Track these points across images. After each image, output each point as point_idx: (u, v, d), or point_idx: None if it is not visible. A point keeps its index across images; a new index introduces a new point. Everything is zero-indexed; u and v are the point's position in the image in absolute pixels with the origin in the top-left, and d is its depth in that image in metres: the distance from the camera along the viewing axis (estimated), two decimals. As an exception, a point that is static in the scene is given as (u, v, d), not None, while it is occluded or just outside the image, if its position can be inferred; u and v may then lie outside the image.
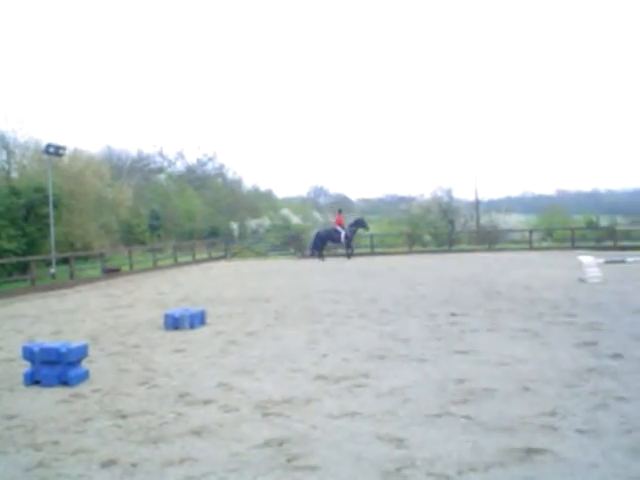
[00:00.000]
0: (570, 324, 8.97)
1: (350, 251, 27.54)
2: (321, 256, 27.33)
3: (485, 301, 11.70)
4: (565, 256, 22.79)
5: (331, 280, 17.25)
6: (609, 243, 28.80)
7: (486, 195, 40.42)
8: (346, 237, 27.29)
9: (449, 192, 37.83)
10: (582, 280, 14.16)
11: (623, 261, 15.65)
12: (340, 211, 30.37)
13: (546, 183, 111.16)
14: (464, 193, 39.26)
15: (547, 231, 34.66)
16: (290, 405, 5.51)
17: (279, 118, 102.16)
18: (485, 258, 24.18)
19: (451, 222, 35.46)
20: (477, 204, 38.68)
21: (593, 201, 57.80)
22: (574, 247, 27.53)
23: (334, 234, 27.65)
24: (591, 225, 36.93)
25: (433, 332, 8.76)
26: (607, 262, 15.19)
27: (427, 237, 32.36)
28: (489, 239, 30.04)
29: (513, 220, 40.03)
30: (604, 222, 39.02)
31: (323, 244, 27.80)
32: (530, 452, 4.20)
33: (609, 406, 5.13)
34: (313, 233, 29.35)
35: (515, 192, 60.19)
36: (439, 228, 33.51)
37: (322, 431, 4.79)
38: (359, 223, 28.30)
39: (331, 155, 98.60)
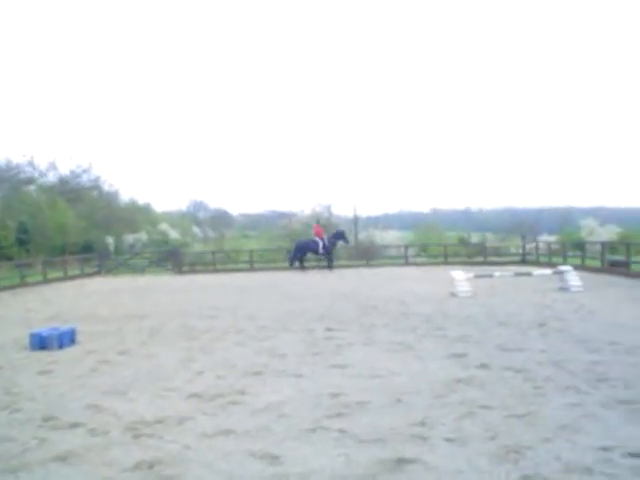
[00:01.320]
0: (441, 337, 9.31)
1: (330, 263, 27.56)
2: (302, 267, 27.45)
3: (361, 315, 11.93)
4: (438, 271, 23.69)
5: (209, 296, 17.01)
6: (479, 258, 30.25)
7: (365, 212, 41.41)
8: (324, 248, 27.28)
9: (329, 208, 38.43)
10: (453, 294, 14.77)
11: (491, 275, 16.47)
12: (318, 222, 30.18)
13: (422, 201, 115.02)
14: (343, 209, 40.00)
15: (422, 247, 35.87)
16: (163, 425, 5.34)
17: (158, 130, 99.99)
18: (363, 273, 24.72)
19: (330, 238, 35.96)
20: (356, 220, 39.50)
21: (465, 219, 60.52)
22: (447, 262, 28.71)
23: (312, 245, 27.64)
24: (463, 241, 38.58)
25: (310, 347, 8.82)
26: (477, 277, 15.93)
27: (308, 254, 32.56)
28: (367, 255, 30.73)
29: (390, 236, 41.12)
30: (475, 239, 40.88)
31: (302, 255, 27.80)
32: (401, 462, 4.29)
33: (475, 414, 5.34)
34: (293, 244, 29.25)
35: (392, 209, 61.99)
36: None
37: (195, 451, 4.68)
38: (339, 236, 28.27)
39: (211, 169, 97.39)
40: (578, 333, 9.33)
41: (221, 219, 57.02)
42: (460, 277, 15.29)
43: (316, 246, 27.53)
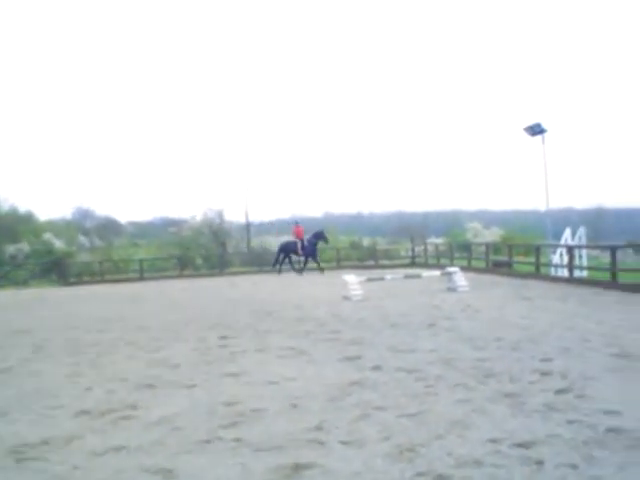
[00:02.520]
0: (335, 340, 9.41)
1: (317, 265, 26.71)
2: (279, 270, 26.68)
3: (256, 322, 11.87)
4: (331, 275, 24.00)
5: (97, 308, 16.41)
6: (371, 262, 30.89)
7: (257, 217, 41.29)
8: (303, 249, 26.56)
9: (220, 214, 37.95)
10: (347, 298, 14.98)
11: (382, 278, 16.84)
12: (297, 223, 28.74)
13: (314, 206, 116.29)
14: (235, 215, 39.65)
15: (315, 252, 36.17)
16: (49, 446, 5.06)
17: (39, 134, 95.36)
18: (257, 279, 24.64)
19: (223, 244, 35.52)
20: (248, 226, 39.30)
21: (357, 223, 61.63)
22: (340, 266, 29.11)
23: (292, 246, 26.97)
24: (355, 245, 39.23)
25: (203, 356, 8.67)
26: (369, 280, 16.23)
27: (199, 260, 32.10)
28: (260, 261, 30.66)
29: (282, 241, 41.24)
30: (366, 242, 41.68)
31: (284, 257, 27.05)
32: (298, 468, 4.28)
33: (370, 416, 5.42)
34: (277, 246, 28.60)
35: (285, 214, 62.16)
36: (211, 250, 33.40)
37: (84, 471, 4.47)
38: (319, 236, 27.29)
39: (98, 175, 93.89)
40: (465, 331, 9.68)
41: (109, 227, 55.05)
42: (353, 281, 15.54)
43: (295, 247, 26.95)
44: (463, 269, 18.40)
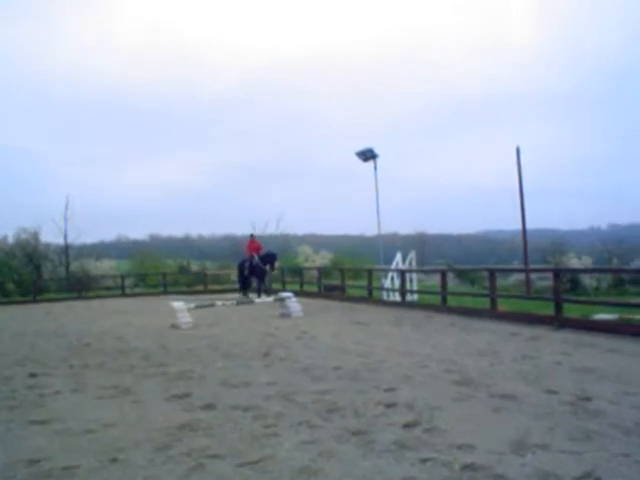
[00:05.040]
0: (162, 375, 8.51)
1: (263, 286, 22.45)
2: (245, 293, 22.28)
3: (72, 355, 10.61)
4: (158, 301, 22.73)
5: None
6: (200, 287, 29.87)
7: (77, 239, 38.44)
8: (251, 268, 22.19)
9: (35, 235, 35.10)
10: (174, 326, 14.02)
11: (213, 305, 16.01)
12: (252, 235, 24.36)
13: (139, 228, 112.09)
14: (52, 236, 36.56)
15: (140, 276, 34.54)
16: None
17: None
18: (75, 307, 22.79)
19: (37, 268, 32.85)
20: (67, 249, 36.73)
21: (184, 246, 60.10)
22: (167, 292, 27.84)
23: (243, 264, 22.71)
24: (183, 270, 38.01)
25: (5, 400, 7.36)
26: (198, 307, 15.35)
27: (10, 285, 29.33)
28: (80, 286, 28.56)
29: (105, 266, 39.08)
30: (195, 267, 40.57)
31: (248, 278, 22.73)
32: None
33: (204, 467, 4.68)
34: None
35: (109, 237, 59.09)
36: (24, 275, 30.68)
37: None
38: (269, 259, 22.36)
39: None
40: (302, 360, 9.20)
41: None
42: (181, 308, 14.61)
43: (244, 267, 22.83)
44: (296, 294, 18.07)
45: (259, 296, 20.73)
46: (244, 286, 22.72)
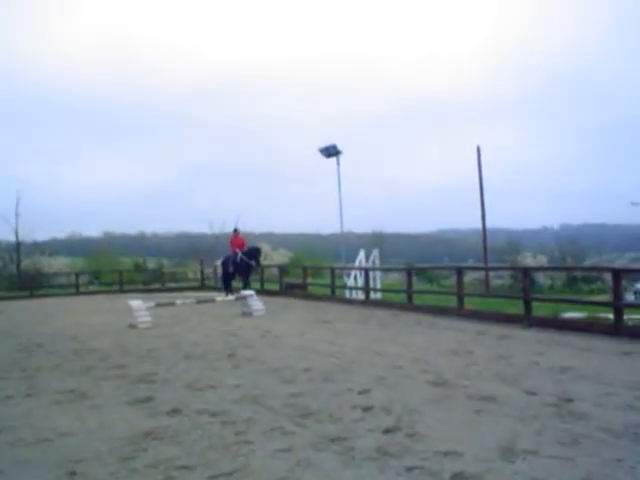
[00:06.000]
0: (122, 377, 8.03)
1: (247, 285, 20.57)
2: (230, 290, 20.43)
3: (24, 358, 10.02)
4: (114, 300, 22.07)
5: None
6: (157, 285, 29.23)
7: (29, 236, 37.22)
8: (234, 265, 20.59)
9: (-16, 232, 34.01)
10: (132, 325, 13.50)
11: (173, 304, 15.49)
12: (236, 230, 22.30)
13: (93, 225, 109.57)
14: (4, 233, 35.28)
15: (94, 274, 33.66)
16: None
17: None
18: (27, 306, 21.93)
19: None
20: (18, 246, 35.58)
21: (139, 244, 59.07)
22: (123, 290, 27.12)
23: (228, 260, 21.02)
24: (139, 267, 37.21)
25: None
26: (157, 305, 14.81)
27: (-43, 284, 28.26)
28: (32, 284, 27.58)
29: (59, 263, 38.06)
30: (151, 264, 39.78)
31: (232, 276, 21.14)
32: None
33: (174, 479, 4.31)
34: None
35: (61, 234, 57.63)
36: (-28, 273, 29.60)
37: None
38: (253, 254, 20.81)
39: None
40: (269, 361, 8.83)
41: None
42: (139, 306, 14.06)
43: (228, 263, 21.19)
44: (257, 292, 17.65)
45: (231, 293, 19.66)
46: (228, 285, 21.24)
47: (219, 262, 24.04)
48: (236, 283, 21.58)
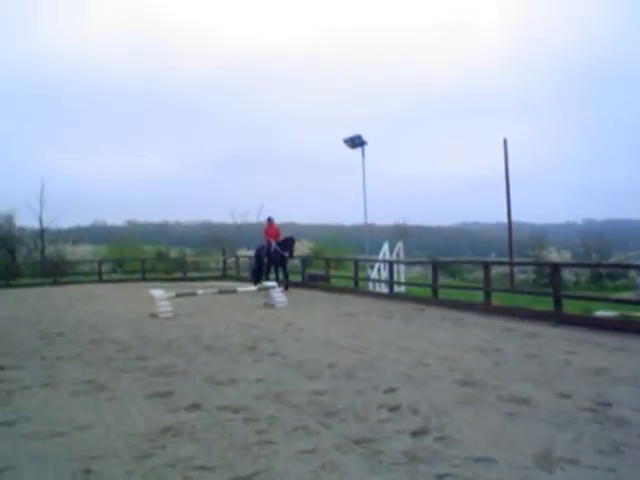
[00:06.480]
0: (142, 369, 7.87)
1: (285, 280, 19.81)
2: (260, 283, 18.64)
3: (44, 346, 9.92)
4: (136, 288, 22.03)
5: None
6: (179, 274, 29.16)
7: (53, 223, 37.39)
8: (268, 255, 19.70)
9: (9, 219, 34.10)
10: (154, 315, 13.37)
11: (194, 294, 15.35)
12: (270, 219, 20.90)
13: (116, 213, 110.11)
14: (28, 220, 35.51)
15: (117, 262, 33.71)
16: None
17: None
18: (50, 293, 21.95)
19: (11, 252, 31.87)
20: (42, 233, 35.74)
21: (162, 232, 59.18)
22: (145, 279, 27.11)
23: (260, 252, 20.17)
24: (161, 256, 37.19)
25: (-32, 397, 6.72)
26: (178, 295, 14.67)
27: (-19, 271, 28.35)
28: (55, 271, 27.67)
29: (82, 251, 38.12)
30: (174, 253, 39.75)
31: (262, 267, 20.19)
32: None
33: (191, 480, 4.12)
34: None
35: (85, 222, 57.83)
36: (-3, 259, 29.71)
37: None
38: (287, 244, 19.90)
39: None
40: (292, 355, 8.61)
41: None
42: (160, 296, 13.93)
43: (262, 254, 20.20)
44: (278, 283, 17.45)
45: (285, 288, 18.74)
46: (259, 276, 20.02)
47: (245, 252, 23.33)
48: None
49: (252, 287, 17.04)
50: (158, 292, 14.18)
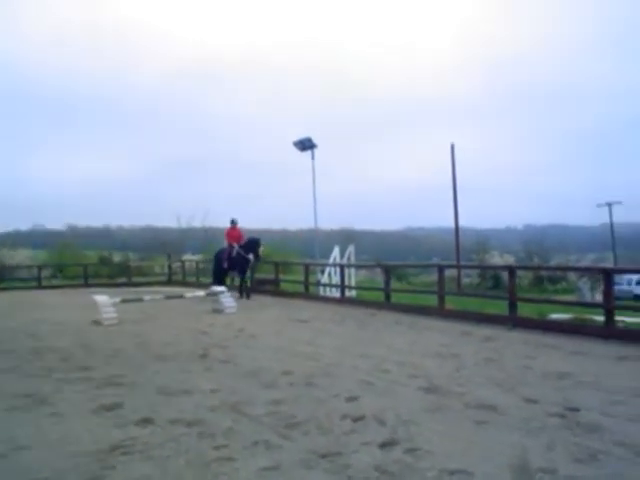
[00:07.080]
0: (86, 380, 7.37)
1: (246, 287, 18.79)
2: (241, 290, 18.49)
3: (-21, 357, 9.31)
4: (78, 294, 21.21)
5: None
6: (123, 279, 28.42)
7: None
8: (229, 260, 18.76)
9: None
10: (97, 322, 12.79)
11: (141, 299, 14.79)
12: (233, 222, 19.51)
13: (55, 218, 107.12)
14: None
15: (58, 267, 32.61)
16: None
17: None
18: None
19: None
20: (-22, 238, 34.43)
21: (104, 237, 57.91)
22: (87, 284, 26.26)
23: (220, 255, 19.24)
24: (104, 261, 36.24)
25: None
26: (124, 301, 14.11)
27: None
28: (-6, 277, 26.57)
29: (20, 256, 36.87)
30: (117, 258, 38.82)
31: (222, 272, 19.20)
32: None
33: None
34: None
35: (24, 225, 56.05)
36: None
37: None
38: (251, 246, 18.70)
39: None
40: (245, 363, 8.26)
41: None
42: (105, 302, 13.35)
43: (222, 257, 19.26)
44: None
45: (242, 296, 18.25)
46: (220, 282, 18.63)
47: (191, 257, 22.94)
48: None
49: (200, 292, 16.54)
50: (102, 298, 13.60)
